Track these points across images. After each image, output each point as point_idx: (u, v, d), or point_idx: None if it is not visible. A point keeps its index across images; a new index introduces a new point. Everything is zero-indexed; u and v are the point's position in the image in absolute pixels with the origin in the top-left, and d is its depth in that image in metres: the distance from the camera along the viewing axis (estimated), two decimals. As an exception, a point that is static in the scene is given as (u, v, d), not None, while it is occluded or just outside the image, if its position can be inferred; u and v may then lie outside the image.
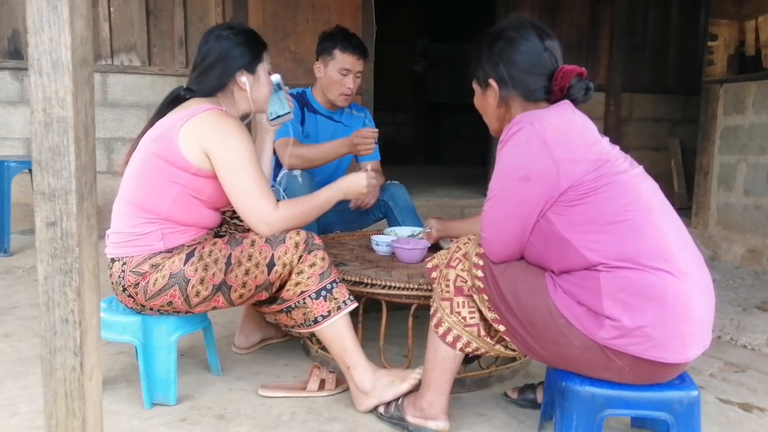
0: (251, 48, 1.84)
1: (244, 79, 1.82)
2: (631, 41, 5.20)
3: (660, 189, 1.44)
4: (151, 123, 1.78)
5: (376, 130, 2.50)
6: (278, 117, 2.01)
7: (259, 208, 1.71)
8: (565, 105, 1.45)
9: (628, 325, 1.29)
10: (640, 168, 1.44)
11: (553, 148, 1.35)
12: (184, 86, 1.83)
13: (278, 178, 2.59)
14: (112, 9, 4.38)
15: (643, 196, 1.36)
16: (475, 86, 1.59)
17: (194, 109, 1.72)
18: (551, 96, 1.47)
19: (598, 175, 1.34)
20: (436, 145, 9.71)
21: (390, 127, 9.05)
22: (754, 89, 3.70)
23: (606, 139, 1.45)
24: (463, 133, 9.61)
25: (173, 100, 1.80)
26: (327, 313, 1.74)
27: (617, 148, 1.46)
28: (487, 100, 1.56)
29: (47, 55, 0.99)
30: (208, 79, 1.81)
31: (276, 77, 1.97)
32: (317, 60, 2.66)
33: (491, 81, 1.51)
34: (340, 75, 2.60)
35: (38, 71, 0.99)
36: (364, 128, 2.52)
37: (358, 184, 1.87)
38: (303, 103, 2.68)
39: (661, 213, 1.37)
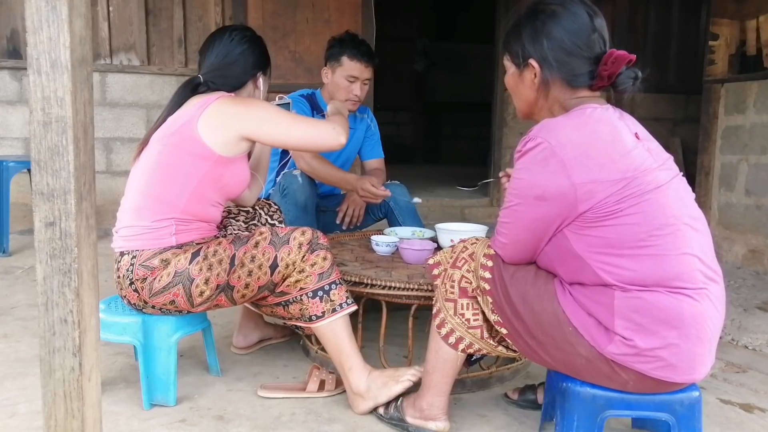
0: (266, 52, 1.95)
1: (261, 80, 1.93)
2: (632, 40, 5.19)
3: (692, 191, 1.36)
4: (166, 116, 1.75)
5: (388, 192, 2.47)
6: None
7: (324, 130, 1.76)
8: (590, 110, 1.33)
9: (641, 345, 1.26)
10: (677, 175, 1.34)
11: (572, 169, 1.25)
12: (201, 79, 1.81)
13: (278, 179, 2.59)
14: (111, 8, 4.37)
15: (671, 218, 1.27)
16: (508, 64, 1.45)
17: (205, 99, 1.73)
18: (595, 83, 1.34)
19: (622, 196, 1.24)
20: (436, 144, 9.71)
21: (390, 127, 9.05)
22: (755, 89, 3.69)
23: (642, 145, 1.31)
24: (463, 132, 9.62)
25: (191, 90, 1.78)
26: (321, 314, 1.74)
27: (655, 151, 1.33)
28: (522, 81, 1.42)
29: (46, 54, 0.98)
30: (231, 74, 1.85)
31: (286, 99, 2.05)
32: (325, 65, 2.64)
33: (532, 61, 1.37)
34: (347, 82, 2.57)
35: (37, 71, 0.99)
36: (381, 189, 2.47)
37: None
38: (312, 104, 2.66)
39: (690, 231, 1.29)
